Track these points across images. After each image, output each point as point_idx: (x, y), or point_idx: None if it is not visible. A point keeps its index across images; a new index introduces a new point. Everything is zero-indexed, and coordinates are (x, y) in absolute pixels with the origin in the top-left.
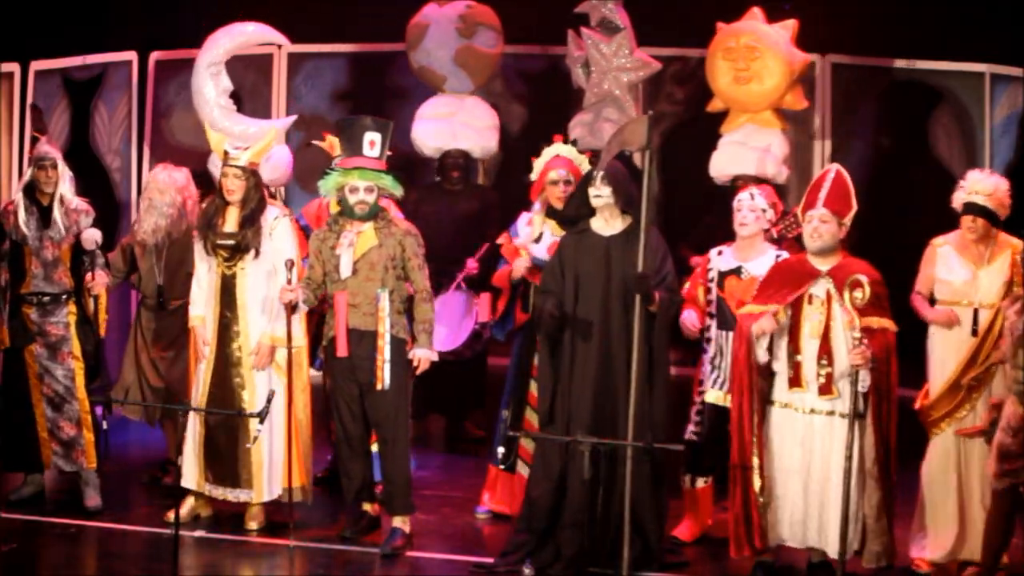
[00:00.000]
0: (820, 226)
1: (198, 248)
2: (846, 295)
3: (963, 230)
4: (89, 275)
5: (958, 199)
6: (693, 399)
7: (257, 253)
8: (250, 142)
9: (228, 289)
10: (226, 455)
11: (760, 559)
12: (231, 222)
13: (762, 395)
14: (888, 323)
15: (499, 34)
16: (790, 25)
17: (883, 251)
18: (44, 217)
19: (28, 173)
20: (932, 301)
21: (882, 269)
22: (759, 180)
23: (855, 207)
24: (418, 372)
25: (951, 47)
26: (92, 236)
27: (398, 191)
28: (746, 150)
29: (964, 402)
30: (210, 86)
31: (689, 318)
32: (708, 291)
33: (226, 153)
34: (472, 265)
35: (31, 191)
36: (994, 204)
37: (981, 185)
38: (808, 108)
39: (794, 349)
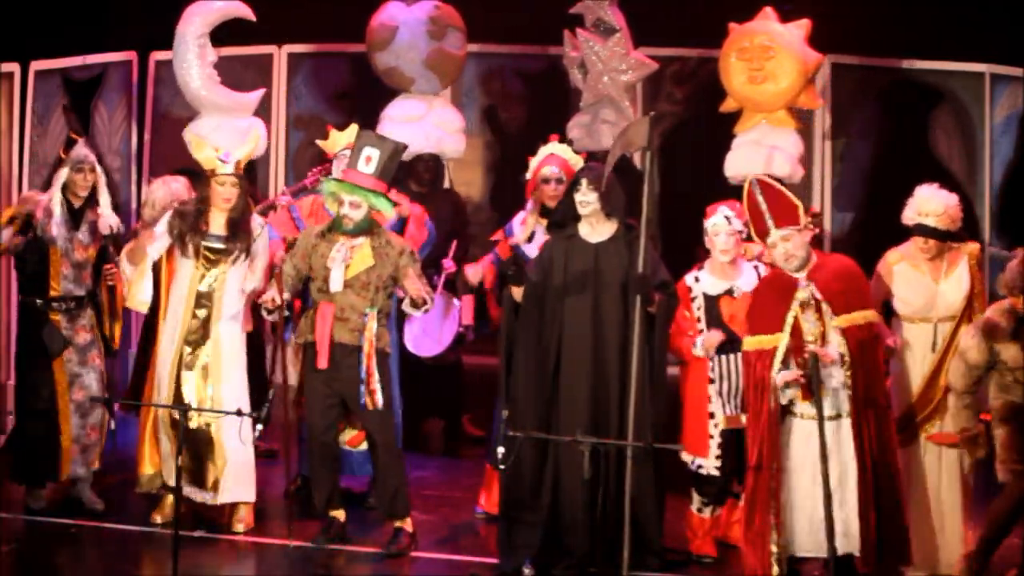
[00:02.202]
0: (787, 246)
1: (171, 246)
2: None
3: (916, 249)
4: (107, 266)
5: (908, 218)
6: (708, 431)
7: (248, 254)
8: (227, 115)
9: (206, 295)
10: (195, 458)
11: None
12: (218, 225)
13: (781, 409)
14: (870, 314)
15: (465, 35)
16: (803, 24)
17: (883, 251)
18: (74, 219)
19: (63, 175)
20: (887, 314)
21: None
22: (776, 180)
23: (800, 204)
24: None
25: (951, 47)
26: (108, 221)
27: (389, 214)
28: (761, 150)
29: (936, 412)
30: (195, 59)
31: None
32: (698, 320)
33: (219, 160)
34: (449, 266)
35: (63, 192)
36: (945, 223)
37: (931, 206)
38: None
39: (801, 363)
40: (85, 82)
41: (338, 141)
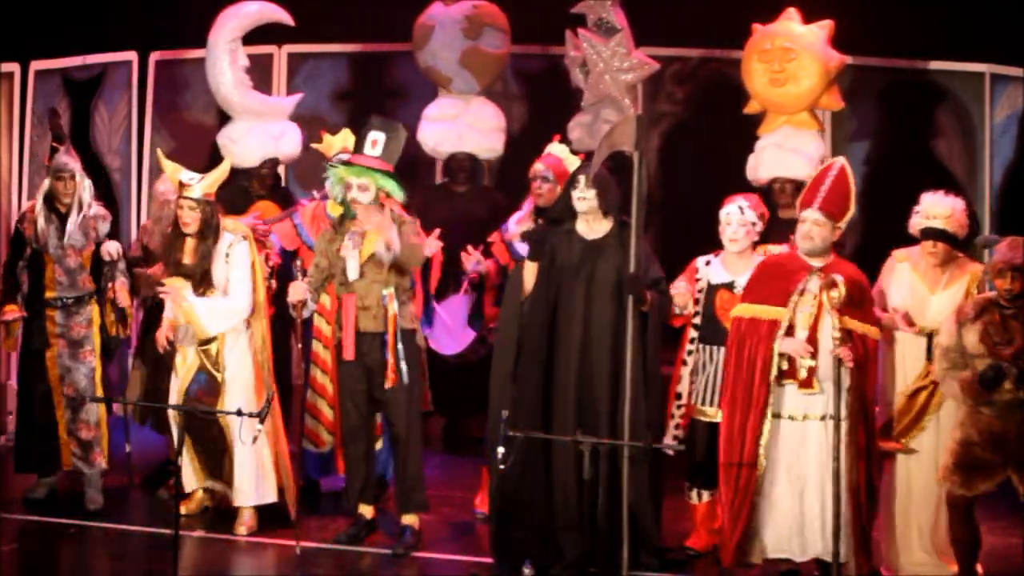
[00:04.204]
0: (812, 228)
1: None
2: (823, 295)
3: (925, 255)
4: (111, 286)
5: (915, 224)
6: (671, 411)
7: (210, 285)
8: (259, 119)
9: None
10: (211, 459)
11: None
12: (189, 254)
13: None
14: (871, 329)
15: (506, 35)
16: (826, 25)
17: (883, 252)
18: (64, 226)
19: (46, 183)
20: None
21: (881, 270)
22: (797, 182)
23: (852, 210)
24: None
25: (951, 47)
26: (110, 248)
27: (398, 194)
28: (784, 152)
29: (923, 414)
30: (226, 62)
31: (680, 289)
32: (696, 302)
33: (181, 183)
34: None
35: (50, 200)
36: (953, 226)
37: (938, 209)
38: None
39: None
40: (85, 82)
41: (333, 144)
